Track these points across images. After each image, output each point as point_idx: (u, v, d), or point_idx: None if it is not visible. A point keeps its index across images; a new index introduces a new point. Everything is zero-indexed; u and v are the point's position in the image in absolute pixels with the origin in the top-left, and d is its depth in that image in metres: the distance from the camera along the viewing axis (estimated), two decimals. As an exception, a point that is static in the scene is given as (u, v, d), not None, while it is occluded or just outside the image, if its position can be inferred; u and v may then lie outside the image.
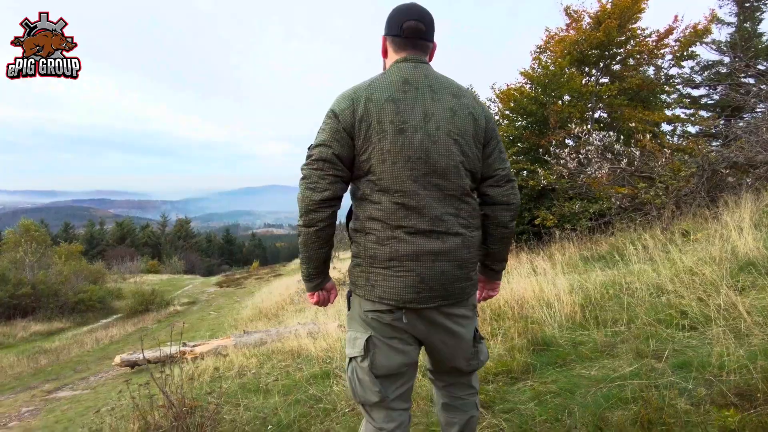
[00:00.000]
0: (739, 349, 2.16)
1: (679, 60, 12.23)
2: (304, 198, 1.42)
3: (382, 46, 1.60)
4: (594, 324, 3.23)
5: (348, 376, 1.55)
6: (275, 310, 10.41)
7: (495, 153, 1.55)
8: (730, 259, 3.78)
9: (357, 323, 1.52)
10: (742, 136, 8.68)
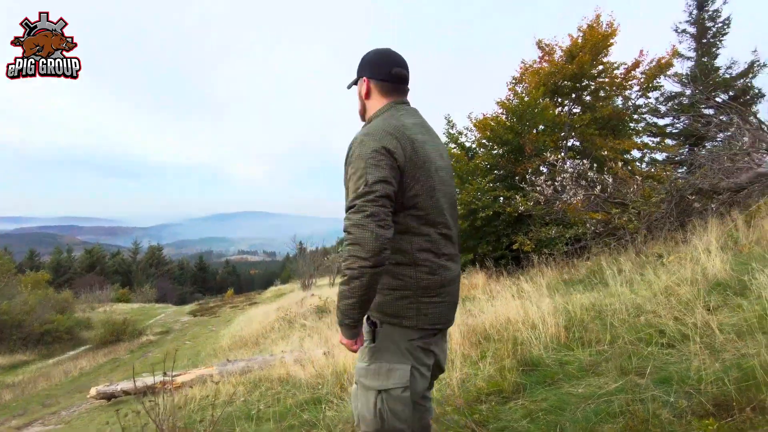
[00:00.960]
0: (714, 363, 2.32)
1: (646, 91, 12.90)
2: (377, 237, 1.38)
3: (366, 88, 1.69)
4: (578, 344, 3.37)
5: (375, 408, 1.54)
6: (256, 338, 10.28)
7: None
8: (701, 280, 4.00)
9: (393, 354, 1.55)
10: (706, 164, 9.16)
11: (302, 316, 11.74)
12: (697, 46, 18.98)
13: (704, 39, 18.84)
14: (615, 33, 11.98)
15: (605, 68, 12.08)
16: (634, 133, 13.39)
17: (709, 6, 18.68)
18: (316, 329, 8.50)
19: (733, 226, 6.54)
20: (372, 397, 1.55)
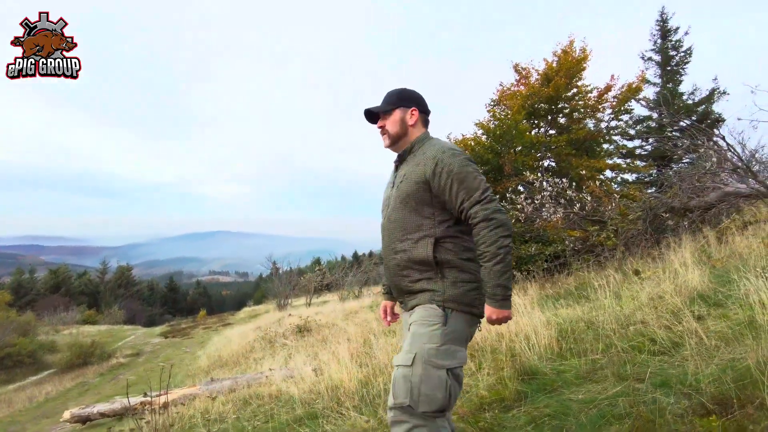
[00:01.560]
0: (709, 365, 2.43)
1: (618, 114, 13.43)
2: (509, 221, 1.80)
3: (415, 118, 2.04)
4: (571, 354, 3.46)
5: (446, 386, 1.72)
6: (236, 358, 10.06)
7: None
8: (684, 292, 4.17)
9: (459, 339, 1.82)
10: (676, 184, 9.57)
11: (282, 335, 11.56)
12: (662, 73, 19.93)
13: (668, 66, 19.81)
14: (587, 58, 12.50)
15: (579, 91, 12.56)
16: (607, 155, 13.88)
17: (672, 36, 19.70)
18: (299, 348, 8.40)
19: (705, 242, 6.83)
20: (443, 375, 1.73)
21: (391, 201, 1.99)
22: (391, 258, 1.98)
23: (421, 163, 1.90)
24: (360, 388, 3.85)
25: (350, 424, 3.27)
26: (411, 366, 1.74)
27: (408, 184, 1.91)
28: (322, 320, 13.37)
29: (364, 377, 4.09)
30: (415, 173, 1.90)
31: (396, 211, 1.95)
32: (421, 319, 1.83)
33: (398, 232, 1.93)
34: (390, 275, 2.02)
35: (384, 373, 4.01)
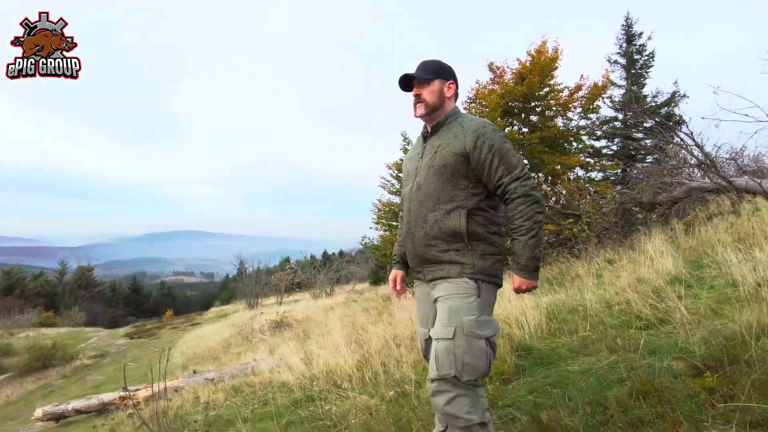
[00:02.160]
0: (696, 333, 2.62)
1: (587, 113, 13.89)
2: (542, 199, 1.94)
3: (452, 91, 2.10)
4: (561, 333, 3.63)
5: (487, 354, 1.85)
6: (215, 354, 9.94)
7: None
8: (660, 276, 4.41)
9: (489, 309, 1.93)
10: (643, 180, 10.01)
11: (259, 331, 11.48)
12: (627, 76, 20.70)
13: (633, 70, 20.60)
14: (559, 57, 12.88)
15: (551, 90, 12.93)
16: (577, 152, 14.34)
17: (636, 41, 20.50)
18: (280, 342, 8.38)
19: (674, 233, 7.19)
20: (484, 344, 1.85)
21: (421, 171, 2.03)
22: (420, 227, 2.00)
23: (460, 136, 1.95)
24: (356, 371, 3.91)
25: (350, 403, 3.34)
26: (453, 339, 1.82)
27: (445, 155, 1.95)
28: (299, 316, 13.33)
29: (359, 361, 4.15)
30: (454, 145, 1.94)
31: (429, 181, 1.98)
32: (455, 293, 1.90)
33: (430, 202, 1.96)
34: (415, 244, 2.03)
35: (380, 356, 4.09)
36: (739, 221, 6.11)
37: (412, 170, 2.10)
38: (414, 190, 2.04)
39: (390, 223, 14.36)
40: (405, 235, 2.09)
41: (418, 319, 2.20)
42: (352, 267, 39.29)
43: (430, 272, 2.01)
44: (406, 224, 2.08)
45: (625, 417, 2.06)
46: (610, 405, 2.19)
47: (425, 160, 2.04)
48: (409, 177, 2.11)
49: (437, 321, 1.92)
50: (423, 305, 2.14)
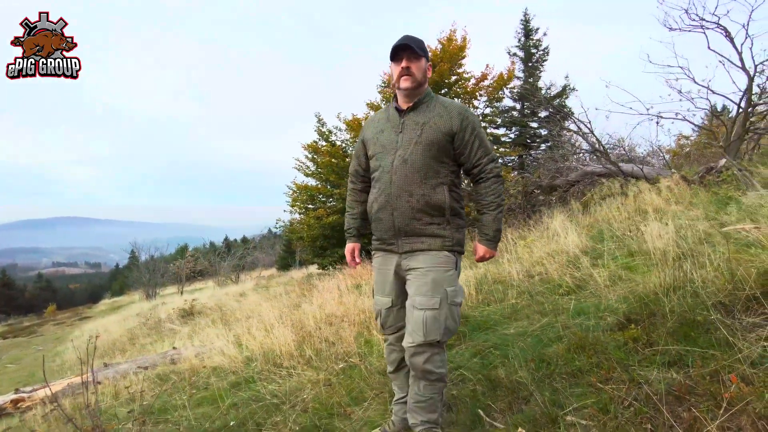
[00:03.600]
0: (614, 295, 3.00)
1: (492, 101, 14.74)
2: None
3: (430, 73, 2.21)
4: (491, 302, 3.93)
5: (456, 317, 2.07)
6: (122, 346, 9.22)
7: None
8: (569, 249, 4.91)
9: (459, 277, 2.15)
10: (542, 165, 10.94)
11: (168, 320, 10.86)
12: (525, 68, 22.19)
13: (530, 63, 22.12)
14: (467, 46, 13.49)
15: (460, 77, 13.52)
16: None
17: (533, 36, 22.00)
18: (199, 330, 8.02)
19: (572, 213, 7.98)
20: (457, 309, 2.08)
21: (404, 145, 2.06)
22: (405, 200, 2.05)
23: (445, 116, 2.07)
24: (296, 349, 3.91)
25: (296, 380, 3.35)
26: (439, 309, 2.00)
27: (433, 132, 2.05)
28: (210, 303, 12.81)
29: (297, 340, 4.15)
30: (441, 124, 2.06)
31: (416, 156, 2.04)
32: (437, 264, 2.05)
33: (416, 176, 2.03)
34: (395, 216, 2.08)
35: (320, 332, 4.12)
36: (627, 201, 6.93)
37: (390, 143, 2.12)
38: (397, 164, 2.06)
39: (306, 206, 14.20)
40: (382, 206, 2.11)
41: (377, 288, 2.26)
42: (257, 253, 38.32)
43: (407, 244, 2.09)
44: (385, 196, 2.09)
45: (566, 368, 2.34)
46: (552, 360, 2.46)
47: (408, 135, 2.08)
48: (387, 150, 2.11)
49: (417, 290, 2.03)
50: (383, 275, 2.22)
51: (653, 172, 7.93)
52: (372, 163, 2.21)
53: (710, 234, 3.88)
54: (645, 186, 7.35)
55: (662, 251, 3.45)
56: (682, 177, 7.06)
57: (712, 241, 3.60)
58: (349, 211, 2.42)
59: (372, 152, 2.21)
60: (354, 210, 2.40)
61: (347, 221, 2.43)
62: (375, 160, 2.18)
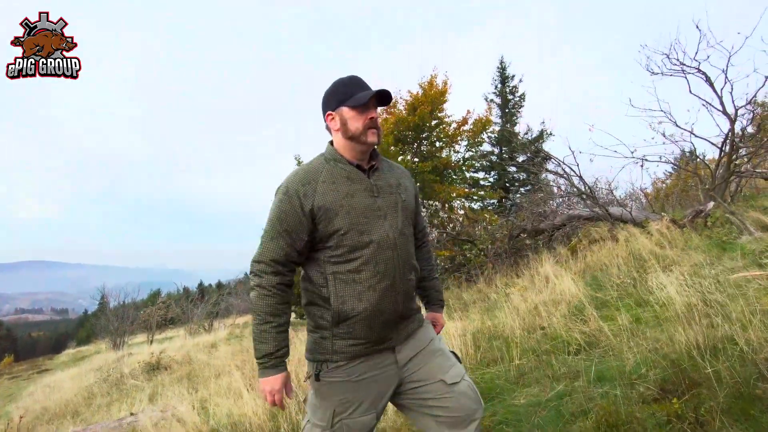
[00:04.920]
0: (636, 355, 2.62)
1: (472, 145, 14.78)
2: None
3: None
4: (490, 361, 3.50)
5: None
6: (74, 408, 8.32)
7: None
8: (567, 298, 4.56)
9: None
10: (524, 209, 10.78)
11: (131, 376, 9.99)
12: (502, 114, 22.61)
13: (507, 109, 22.58)
14: (447, 90, 13.60)
15: (441, 121, 13.55)
16: (463, 182, 15.12)
17: (509, 82, 22.56)
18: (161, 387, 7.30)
19: (561, 257, 7.71)
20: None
21: (392, 211, 1.67)
22: (406, 280, 1.66)
23: (405, 177, 1.83)
24: (270, 421, 3.38)
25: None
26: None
27: (410, 197, 1.78)
28: (177, 356, 11.95)
29: (270, 409, 3.61)
30: (410, 187, 1.82)
31: (407, 225, 1.72)
32: (435, 336, 1.81)
33: (412, 248, 1.74)
34: (401, 302, 1.65)
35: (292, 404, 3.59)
36: (618, 246, 6.69)
37: (372, 211, 1.63)
38: (396, 236, 1.65)
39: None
40: (384, 294, 1.60)
41: (365, 404, 1.63)
42: (232, 299, 37.07)
43: (404, 330, 1.70)
44: (389, 280, 1.61)
45: (601, 454, 1.92)
46: (578, 441, 2.04)
47: (391, 198, 1.68)
48: (372, 220, 1.62)
49: (441, 366, 1.70)
50: (377, 384, 1.64)
51: (641, 215, 7.77)
52: (348, 239, 1.59)
53: (721, 282, 3.59)
54: (634, 230, 7.16)
55: (681, 303, 3.11)
56: (672, 220, 6.89)
57: (729, 289, 3.30)
58: (272, 322, 1.59)
59: (342, 225, 1.58)
60: (281, 319, 1.61)
61: (271, 339, 1.59)
62: (354, 235, 1.59)
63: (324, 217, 1.58)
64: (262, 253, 1.62)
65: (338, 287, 1.59)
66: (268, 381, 1.60)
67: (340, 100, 1.66)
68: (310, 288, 1.67)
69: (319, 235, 1.61)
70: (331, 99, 1.69)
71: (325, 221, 1.58)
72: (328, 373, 1.62)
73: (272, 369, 1.60)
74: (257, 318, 1.60)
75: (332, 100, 1.68)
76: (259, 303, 1.59)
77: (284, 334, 1.62)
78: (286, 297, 1.63)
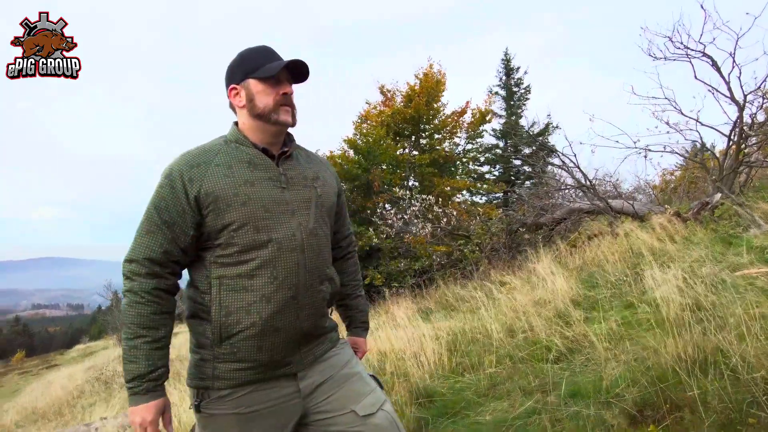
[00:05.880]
0: (617, 368, 2.31)
1: (472, 137, 14.42)
2: None
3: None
4: (464, 369, 3.20)
5: None
6: (59, 408, 8.17)
7: None
8: (557, 298, 4.24)
9: None
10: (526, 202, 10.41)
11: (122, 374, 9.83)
12: (506, 107, 22.14)
13: (512, 101, 22.11)
14: (444, 81, 13.26)
15: (437, 112, 13.22)
16: (465, 174, 14.77)
17: (514, 75, 22.08)
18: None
19: (560, 253, 7.36)
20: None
21: (300, 207, 1.36)
22: (314, 291, 1.37)
23: (328, 171, 1.53)
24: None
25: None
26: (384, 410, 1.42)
27: (330, 193, 1.48)
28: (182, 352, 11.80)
29: None
30: (331, 182, 1.52)
31: (321, 225, 1.41)
32: (351, 355, 1.51)
33: (326, 253, 1.44)
34: (304, 318, 1.35)
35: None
36: (618, 241, 6.33)
37: (276, 204, 1.32)
38: (305, 237, 1.34)
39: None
40: (281, 308, 1.30)
41: None
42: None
43: (311, 351, 1.40)
44: (287, 290, 1.30)
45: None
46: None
47: (303, 192, 1.38)
48: (276, 214, 1.32)
49: (358, 393, 1.39)
50: (274, 418, 1.33)
51: (644, 209, 7.39)
52: (240, 236, 1.28)
53: (724, 281, 3.25)
54: (636, 223, 6.79)
55: (674, 303, 2.77)
56: (676, 213, 6.52)
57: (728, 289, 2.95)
58: (146, 336, 1.25)
59: (235, 218, 1.28)
60: (157, 333, 1.27)
61: (143, 358, 1.24)
62: (249, 232, 1.28)
63: (213, 208, 1.27)
64: (134, 249, 1.27)
65: (223, 295, 1.27)
66: (137, 410, 1.23)
67: (246, 71, 1.36)
68: (193, 296, 1.34)
69: (207, 229, 1.29)
70: (236, 71, 1.38)
71: (214, 213, 1.27)
72: (210, 403, 1.30)
73: (144, 395, 1.24)
74: (127, 331, 1.26)
75: (237, 71, 1.37)
76: (130, 312, 1.25)
77: (161, 351, 1.27)
78: (165, 305, 1.29)
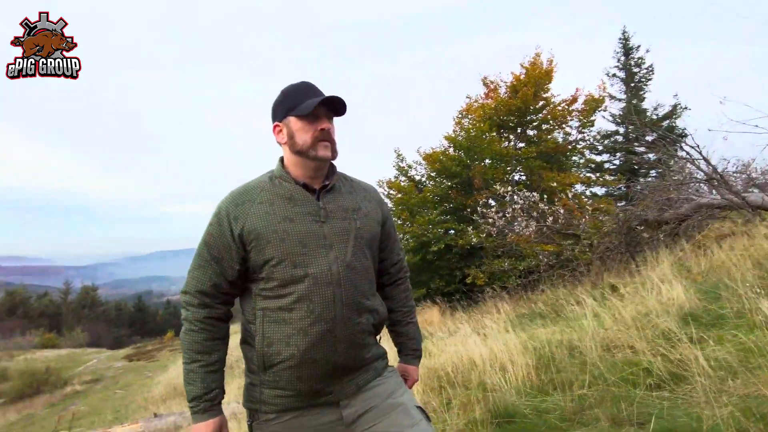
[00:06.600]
0: (722, 405, 2.03)
1: (584, 125, 13.41)
2: None
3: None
4: (553, 387, 3.03)
5: None
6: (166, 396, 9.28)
7: None
8: (670, 310, 3.81)
9: None
10: (648, 196, 9.41)
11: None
12: (626, 89, 20.22)
13: (632, 83, 20.12)
14: (553, 69, 12.47)
15: (546, 103, 12.49)
16: (577, 167, 13.80)
17: (634, 54, 20.05)
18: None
19: (683, 255, 6.59)
20: None
21: (336, 240, 1.40)
22: (352, 324, 1.38)
23: (371, 200, 1.56)
24: None
25: None
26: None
27: (371, 223, 1.50)
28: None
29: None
30: (374, 211, 1.53)
31: (360, 257, 1.43)
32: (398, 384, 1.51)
33: (366, 286, 1.44)
34: (341, 351, 1.37)
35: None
36: (754, 244, 5.50)
37: (313, 239, 1.37)
38: (341, 270, 1.37)
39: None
40: (317, 341, 1.34)
41: None
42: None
43: (353, 381, 1.42)
44: (324, 324, 1.34)
45: None
46: None
47: (342, 224, 1.42)
48: (312, 249, 1.36)
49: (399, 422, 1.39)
50: None
51: (793, 204, 6.30)
52: (279, 271, 1.34)
53: None
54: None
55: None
56: (836, 211, 5.48)
57: None
58: (200, 361, 1.37)
59: (274, 254, 1.34)
60: (210, 357, 1.38)
61: (199, 381, 1.36)
62: (287, 267, 1.34)
63: (255, 244, 1.35)
64: (188, 282, 1.44)
65: (265, 326, 1.36)
66: (198, 428, 1.37)
67: (286, 108, 1.43)
68: (243, 324, 1.46)
69: (251, 264, 1.38)
70: (278, 109, 1.46)
71: (256, 249, 1.35)
72: (260, 425, 1.41)
73: (202, 414, 1.37)
74: (185, 356, 1.41)
75: (280, 109, 1.45)
76: (186, 339, 1.39)
77: (215, 374, 1.39)
78: (217, 332, 1.41)
